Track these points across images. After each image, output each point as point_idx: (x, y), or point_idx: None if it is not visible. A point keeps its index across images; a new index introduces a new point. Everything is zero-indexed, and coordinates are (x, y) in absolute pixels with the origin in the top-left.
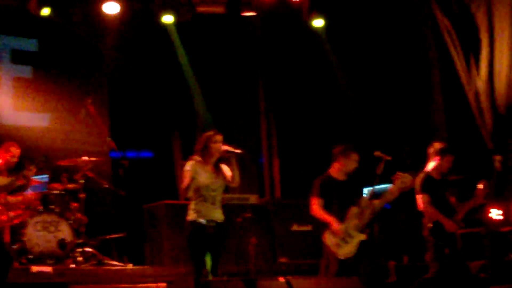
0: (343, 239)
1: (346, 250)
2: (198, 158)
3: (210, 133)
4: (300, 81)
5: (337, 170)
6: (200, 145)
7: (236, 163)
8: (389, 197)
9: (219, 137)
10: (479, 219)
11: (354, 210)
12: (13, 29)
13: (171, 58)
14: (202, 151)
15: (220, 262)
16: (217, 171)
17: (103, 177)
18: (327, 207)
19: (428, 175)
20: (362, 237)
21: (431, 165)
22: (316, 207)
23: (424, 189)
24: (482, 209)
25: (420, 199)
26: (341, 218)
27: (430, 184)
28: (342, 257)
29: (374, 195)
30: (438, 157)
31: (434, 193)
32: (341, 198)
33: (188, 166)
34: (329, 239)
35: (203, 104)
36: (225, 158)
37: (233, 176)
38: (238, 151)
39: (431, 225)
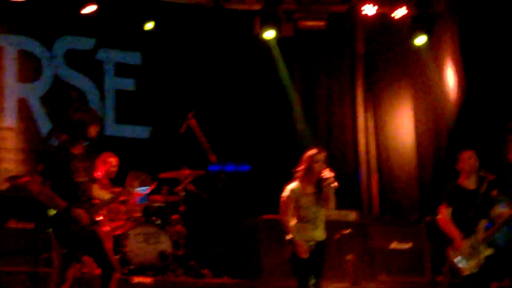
0: (469, 254)
1: (471, 265)
2: (297, 182)
3: (314, 151)
4: (404, 96)
5: (464, 177)
6: (303, 164)
7: (333, 190)
8: None
9: (321, 156)
10: None
11: (483, 222)
12: (117, 43)
13: (271, 73)
14: (305, 169)
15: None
16: (318, 192)
17: (203, 190)
18: (454, 218)
19: None
20: (489, 252)
21: None
22: (444, 218)
23: None
24: None
25: None
26: (470, 230)
27: None
28: (464, 273)
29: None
30: None
31: None
32: (471, 208)
33: (290, 192)
34: (452, 254)
35: (303, 120)
36: (324, 181)
37: (329, 202)
38: (335, 184)
39: None
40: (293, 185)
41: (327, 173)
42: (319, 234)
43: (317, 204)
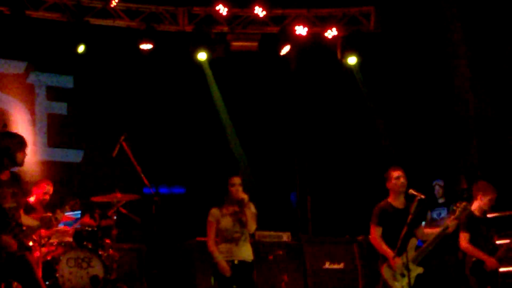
0: (401, 272)
1: (403, 284)
2: (218, 205)
3: (228, 176)
4: (334, 117)
5: (393, 196)
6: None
7: (249, 211)
8: (449, 229)
9: (236, 180)
10: None
11: (413, 241)
12: (49, 66)
13: (204, 94)
14: (226, 194)
15: None
16: (238, 212)
17: (137, 214)
18: (385, 237)
19: (471, 213)
20: (420, 270)
21: (475, 203)
22: (375, 236)
23: (467, 228)
24: None
25: (462, 237)
26: (401, 249)
27: (472, 222)
28: None
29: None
30: (480, 195)
31: (475, 231)
32: (400, 227)
33: (210, 216)
34: (386, 272)
35: (236, 141)
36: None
37: (248, 223)
38: (247, 203)
39: (471, 264)
40: (213, 209)
41: (240, 195)
42: (244, 254)
43: (238, 225)
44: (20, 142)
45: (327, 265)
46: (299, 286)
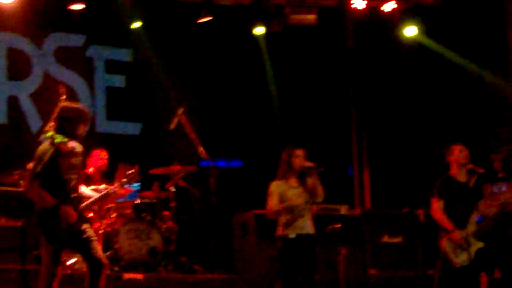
0: (462, 246)
1: (463, 258)
2: (280, 178)
3: (290, 148)
4: (391, 91)
5: (456, 170)
6: (282, 161)
7: (318, 177)
8: (509, 206)
9: (299, 152)
10: None
11: (474, 216)
12: (107, 39)
13: (260, 69)
14: (284, 166)
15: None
16: (302, 184)
17: (195, 186)
18: (447, 210)
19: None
20: (480, 245)
21: None
22: (438, 210)
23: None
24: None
25: None
26: (462, 223)
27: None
28: (458, 265)
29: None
30: None
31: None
32: (462, 201)
33: (273, 187)
34: (447, 246)
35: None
36: (307, 172)
37: (317, 190)
38: (319, 168)
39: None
40: (276, 181)
41: (308, 163)
42: (308, 227)
43: (303, 197)
44: (83, 115)
45: (385, 239)
46: (357, 259)
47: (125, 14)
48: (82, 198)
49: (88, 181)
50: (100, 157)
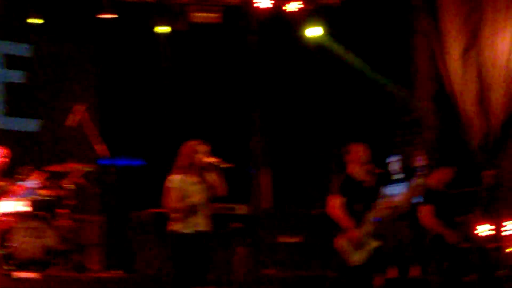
0: (359, 245)
1: (358, 257)
2: (180, 172)
3: (193, 143)
4: (294, 91)
5: (355, 169)
6: (183, 155)
7: (220, 173)
8: (403, 207)
9: (203, 147)
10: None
11: (371, 215)
12: (6, 34)
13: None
14: (185, 161)
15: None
16: (202, 180)
17: (93, 184)
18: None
19: (430, 188)
20: (377, 244)
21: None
22: (336, 206)
23: (429, 201)
24: (469, 225)
25: (424, 211)
26: (359, 222)
27: (433, 196)
28: (352, 264)
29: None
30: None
31: (437, 205)
32: (360, 200)
33: (172, 182)
34: (344, 245)
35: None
36: (209, 168)
37: (217, 186)
38: (224, 165)
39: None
40: (177, 176)
41: (212, 159)
42: (204, 224)
43: (204, 193)
44: None
45: (283, 238)
46: (253, 259)
47: (25, 8)
48: None
49: None
50: (1, 155)
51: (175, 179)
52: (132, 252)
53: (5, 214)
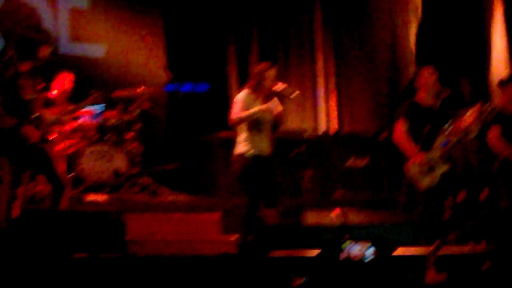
0: (425, 169)
1: (428, 182)
2: (249, 90)
3: (264, 66)
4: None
5: (423, 93)
6: (253, 76)
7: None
8: (473, 133)
9: (271, 73)
10: None
11: (439, 139)
12: None
13: None
14: (254, 82)
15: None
16: (269, 102)
17: (159, 108)
18: (411, 133)
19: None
20: (445, 168)
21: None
22: (401, 132)
23: (496, 122)
24: None
25: (491, 133)
26: (427, 146)
27: (501, 117)
28: (422, 189)
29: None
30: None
31: (506, 127)
32: (428, 125)
33: (240, 97)
34: (412, 169)
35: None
36: (277, 94)
37: (281, 114)
38: (293, 94)
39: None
40: (244, 93)
41: (280, 86)
42: (268, 147)
43: (269, 115)
44: (45, 37)
45: (351, 161)
46: (322, 182)
47: None
48: (43, 118)
49: (52, 104)
50: (66, 80)
51: (242, 94)
52: (200, 175)
53: (74, 138)
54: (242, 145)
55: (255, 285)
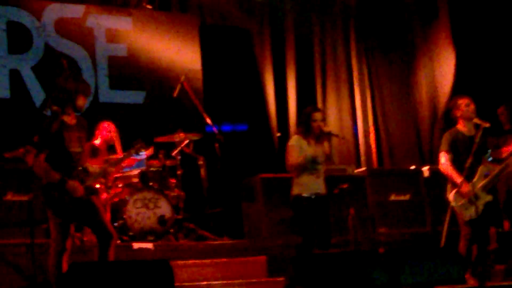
0: (469, 200)
1: (472, 211)
2: (299, 135)
3: (309, 110)
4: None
5: (462, 124)
6: (301, 121)
7: (330, 143)
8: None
9: (318, 115)
10: None
11: (482, 169)
12: (106, 8)
13: None
14: (303, 127)
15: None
16: (320, 144)
17: (200, 153)
18: (454, 164)
19: None
20: (489, 198)
21: None
22: (447, 163)
23: None
24: None
25: None
26: (470, 176)
27: None
28: (467, 219)
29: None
30: None
31: None
32: (469, 155)
33: (293, 141)
34: (455, 200)
35: None
36: (324, 137)
37: (332, 154)
38: (337, 135)
39: None
40: (295, 138)
41: (326, 128)
42: (322, 187)
43: (321, 157)
44: (83, 87)
45: (392, 197)
46: (365, 219)
47: None
48: (89, 171)
49: (95, 153)
50: (108, 129)
51: (294, 138)
52: (243, 218)
53: (117, 187)
54: (296, 188)
55: None
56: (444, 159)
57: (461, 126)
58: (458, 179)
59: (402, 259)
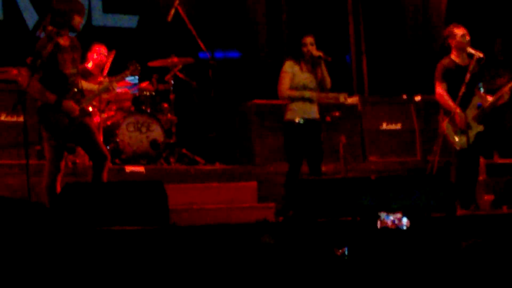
0: (462, 128)
1: (463, 141)
2: (291, 61)
3: (299, 34)
4: None
5: (456, 54)
6: (292, 46)
7: (325, 67)
8: (504, 98)
9: (308, 39)
10: None
11: (474, 100)
12: None
13: None
14: (294, 52)
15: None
16: (313, 70)
17: (193, 78)
18: (449, 93)
19: None
20: (480, 128)
21: None
22: (442, 92)
23: None
24: None
25: None
26: (463, 106)
27: None
28: (458, 148)
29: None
30: None
31: None
32: (463, 85)
33: (287, 67)
34: (447, 127)
35: None
36: (315, 62)
37: (325, 79)
38: (327, 57)
39: None
40: (288, 64)
41: (316, 52)
42: (315, 112)
43: (315, 82)
44: (77, 7)
45: (384, 126)
46: (356, 147)
47: None
48: (83, 92)
49: (87, 76)
50: (100, 52)
51: (288, 64)
52: (236, 144)
53: (110, 110)
54: (289, 113)
55: (297, 252)
56: (439, 88)
57: (454, 56)
58: (453, 108)
59: (392, 185)
